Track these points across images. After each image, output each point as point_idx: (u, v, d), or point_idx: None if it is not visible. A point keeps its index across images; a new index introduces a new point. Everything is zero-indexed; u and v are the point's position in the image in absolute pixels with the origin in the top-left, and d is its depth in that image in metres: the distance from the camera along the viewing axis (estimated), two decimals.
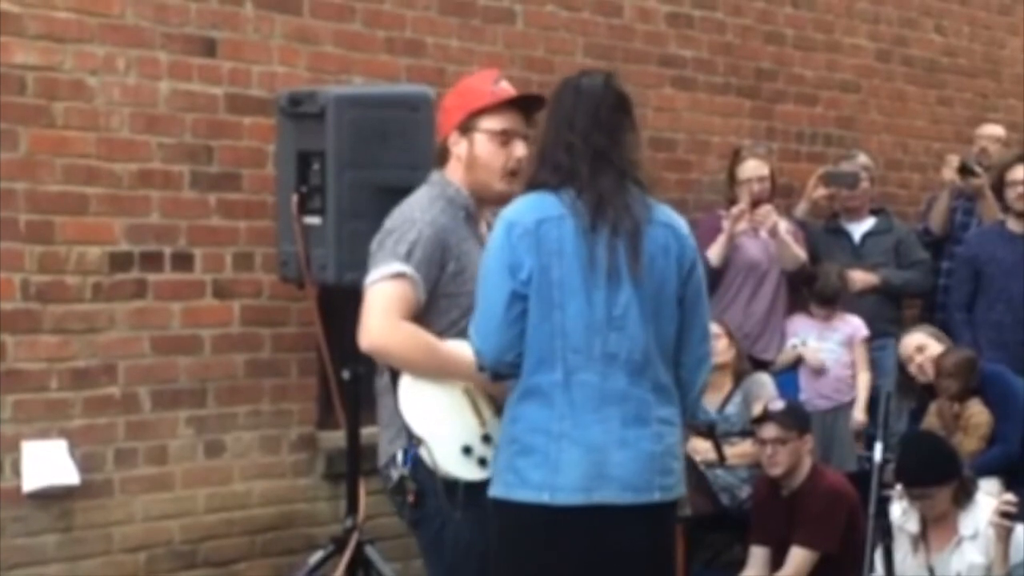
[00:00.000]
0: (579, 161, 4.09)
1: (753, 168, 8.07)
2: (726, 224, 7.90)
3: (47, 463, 6.00)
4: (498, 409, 4.39)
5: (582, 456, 4.02)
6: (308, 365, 6.74)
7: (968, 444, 6.88)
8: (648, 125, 8.14)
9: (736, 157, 8.19)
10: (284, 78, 6.62)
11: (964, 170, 8.48)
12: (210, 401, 6.51)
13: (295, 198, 5.99)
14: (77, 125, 6.11)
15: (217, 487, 6.54)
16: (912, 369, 7.35)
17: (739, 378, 7.47)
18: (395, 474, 4.50)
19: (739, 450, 7.13)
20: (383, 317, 4.39)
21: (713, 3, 8.52)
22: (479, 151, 4.57)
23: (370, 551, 5.89)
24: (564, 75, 4.41)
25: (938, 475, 5.98)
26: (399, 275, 4.40)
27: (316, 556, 5.98)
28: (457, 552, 4.45)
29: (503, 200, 4.51)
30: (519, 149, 4.57)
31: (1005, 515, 5.79)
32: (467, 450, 4.39)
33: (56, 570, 6.06)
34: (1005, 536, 5.79)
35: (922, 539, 6.03)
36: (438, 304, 4.48)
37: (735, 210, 7.90)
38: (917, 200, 9.44)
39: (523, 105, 4.63)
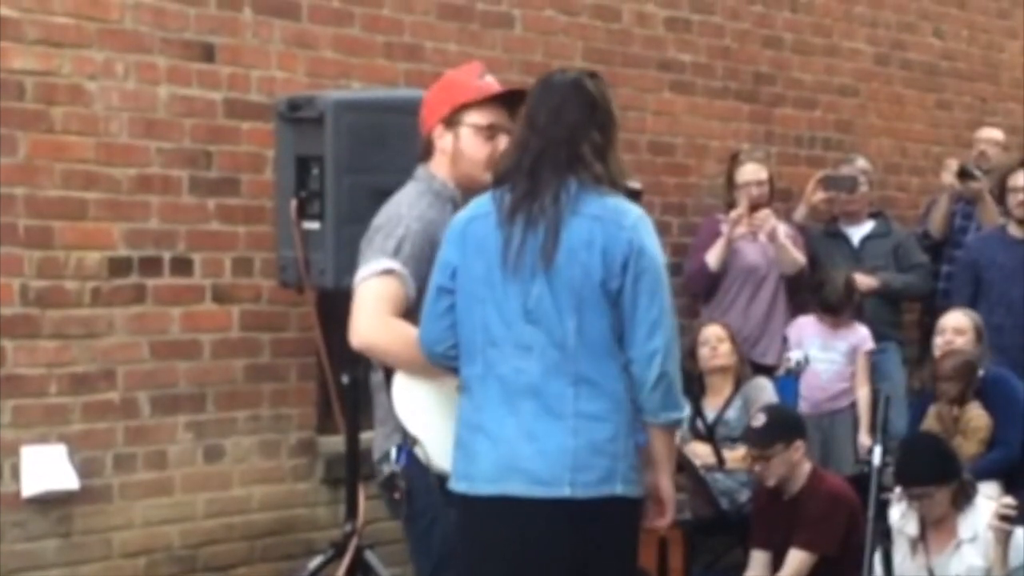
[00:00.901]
0: (526, 156, 4.11)
1: (752, 172, 8.08)
2: (725, 228, 7.90)
3: (46, 468, 6.00)
4: None
5: (493, 448, 4.05)
6: (307, 370, 6.75)
7: (967, 447, 6.88)
8: (647, 129, 8.16)
9: (734, 161, 8.20)
10: (283, 83, 6.63)
11: (963, 174, 8.49)
12: (209, 406, 6.51)
13: (294, 203, 6.00)
14: (76, 130, 6.11)
15: (216, 492, 6.54)
16: (938, 341, 7.35)
17: (740, 383, 7.47)
18: (387, 470, 4.52)
19: (739, 454, 7.13)
20: (372, 314, 4.40)
21: (711, 7, 8.53)
22: (464, 145, 4.58)
23: (369, 556, 5.89)
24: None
25: (938, 474, 5.98)
26: (388, 271, 4.41)
27: (316, 561, 5.98)
28: (445, 549, 4.45)
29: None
30: (504, 143, 4.56)
31: (1004, 518, 5.78)
32: None
33: (55, 575, 6.05)
34: (1004, 539, 5.78)
35: (921, 542, 6.03)
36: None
37: (734, 214, 7.91)
38: (916, 204, 9.44)
39: (508, 100, 4.64)
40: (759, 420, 6.74)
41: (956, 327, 7.37)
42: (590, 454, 4.02)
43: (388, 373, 4.45)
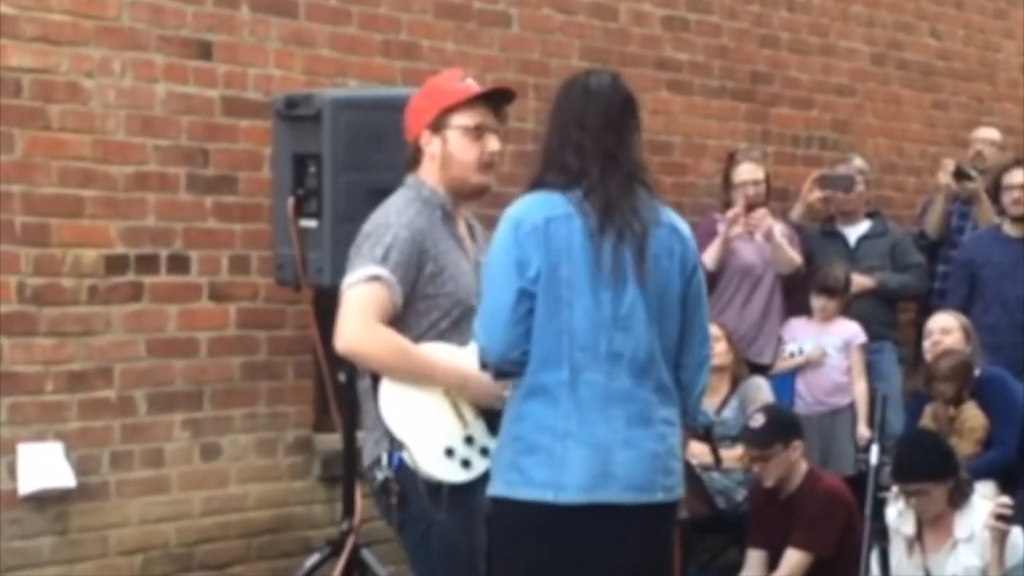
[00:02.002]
0: (590, 162, 4.08)
1: (748, 172, 8.08)
2: (721, 227, 7.91)
3: (43, 466, 6.00)
4: (480, 410, 4.41)
5: (587, 455, 4.01)
6: (304, 368, 6.75)
7: (963, 447, 6.87)
8: (644, 128, 8.05)
9: (731, 161, 8.20)
10: (280, 81, 6.63)
11: (959, 174, 8.50)
12: (206, 404, 6.51)
13: (291, 201, 5.99)
14: (73, 127, 6.11)
15: (213, 490, 6.54)
16: (926, 344, 7.36)
17: (736, 382, 7.48)
18: (380, 476, 4.51)
19: (735, 453, 7.13)
20: (358, 320, 4.41)
21: (708, 6, 8.53)
22: (453, 147, 4.59)
23: (366, 554, 5.87)
24: (560, 78, 4.42)
25: (935, 471, 5.98)
26: (375, 278, 4.41)
27: (312, 559, 5.97)
28: (442, 555, 4.46)
29: (479, 193, 4.61)
30: (492, 143, 4.61)
31: (1001, 518, 5.79)
32: (449, 452, 4.41)
33: (52, 573, 6.06)
34: (1001, 539, 5.79)
35: (918, 541, 6.04)
36: (417, 306, 4.50)
37: (730, 214, 7.91)
38: (912, 203, 9.44)
39: (492, 100, 4.66)
40: (757, 421, 6.73)
41: (943, 328, 7.38)
42: (671, 459, 4.11)
43: (375, 379, 4.45)
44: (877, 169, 9.23)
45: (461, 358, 4.42)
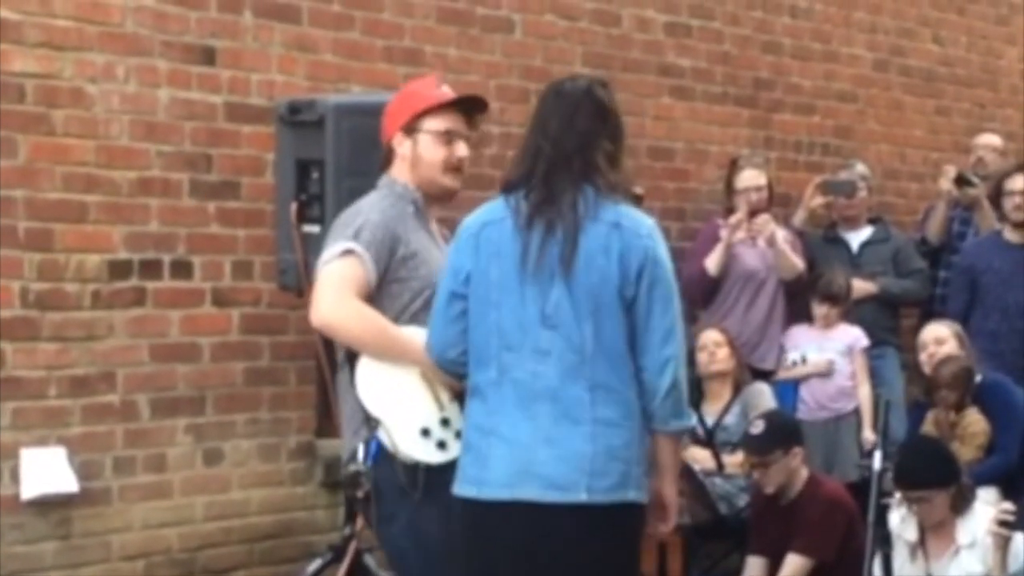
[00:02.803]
0: (539, 163, 4.14)
1: (751, 177, 8.08)
2: (724, 233, 7.90)
3: (46, 471, 6.00)
4: (455, 393, 4.44)
5: (508, 452, 4.05)
6: (307, 373, 6.75)
7: (965, 453, 6.87)
8: (646, 134, 8.17)
9: (734, 167, 8.20)
10: (283, 87, 6.64)
11: (960, 181, 8.49)
12: (209, 409, 6.52)
13: (294, 206, 5.99)
14: (76, 133, 6.12)
15: (215, 495, 6.54)
16: (923, 357, 7.35)
17: (739, 387, 7.48)
18: (352, 468, 4.52)
19: (737, 459, 7.12)
20: (333, 294, 4.47)
21: (711, 13, 8.54)
22: (422, 149, 4.69)
23: (368, 559, 5.87)
24: None
25: (936, 478, 5.97)
26: (348, 252, 4.48)
27: (314, 564, 5.97)
28: (419, 547, 4.47)
29: (448, 195, 4.72)
30: (461, 148, 4.71)
31: (1003, 524, 5.78)
32: (425, 432, 4.44)
33: None
34: (1003, 545, 5.78)
35: (920, 547, 6.03)
36: (389, 289, 4.54)
37: (733, 219, 7.91)
38: (915, 209, 9.44)
39: (465, 108, 4.76)
40: (757, 427, 6.72)
41: (936, 338, 7.36)
42: (607, 460, 4.04)
43: (351, 360, 4.48)
44: (879, 175, 9.23)
45: None
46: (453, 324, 4.18)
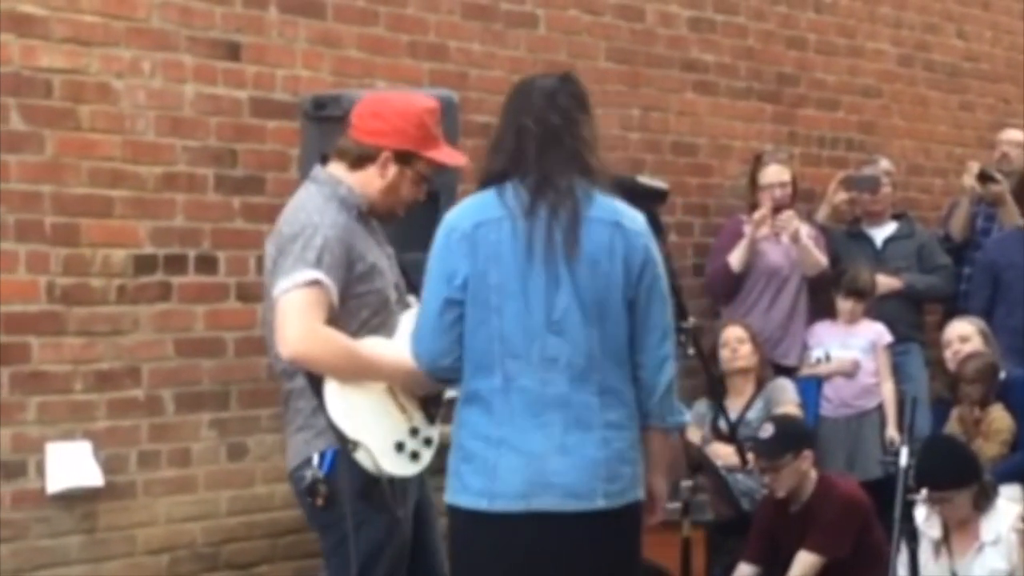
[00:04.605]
0: (528, 141, 4.04)
1: (774, 173, 8.07)
2: (748, 229, 7.90)
3: (71, 465, 6.02)
4: (418, 400, 4.48)
5: (520, 463, 3.97)
6: None
7: (989, 449, 6.87)
8: (670, 129, 8.17)
9: (757, 162, 8.19)
10: (308, 82, 6.64)
11: (983, 177, 8.47)
12: (233, 404, 6.53)
13: None
14: (102, 128, 6.13)
15: (239, 490, 6.56)
16: (947, 354, 7.35)
17: (761, 383, 7.48)
18: (309, 475, 4.52)
19: None
20: (301, 325, 4.40)
21: (735, 8, 8.53)
22: (402, 184, 4.67)
23: None
24: (587, 80, 4.42)
25: (956, 478, 5.97)
26: (313, 282, 4.43)
27: None
28: (368, 556, 4.49)
29: (391, 220, 4.73)
30: (422, 192, 4.74)
31: None
32: (400, 446, 4.47)
33: (79, 571, 6.07)
34: None
35: (944, 544, 6.03)
36: (347, 305, 4.52)
37: (757, 215, 7.90)
38: (939, 205, 9.42)
39: None
40: (767, 431, 6.69)
41: (960, 335, 7.37)
42: (618, 464, 4.03)
43: (312, 381, 4.45)
44: (903, 171, 9.22)
45: (402, 350, 4.36)
46: (447, 332, 4.04)
